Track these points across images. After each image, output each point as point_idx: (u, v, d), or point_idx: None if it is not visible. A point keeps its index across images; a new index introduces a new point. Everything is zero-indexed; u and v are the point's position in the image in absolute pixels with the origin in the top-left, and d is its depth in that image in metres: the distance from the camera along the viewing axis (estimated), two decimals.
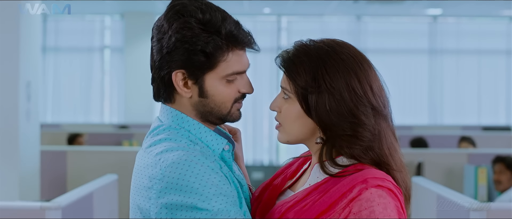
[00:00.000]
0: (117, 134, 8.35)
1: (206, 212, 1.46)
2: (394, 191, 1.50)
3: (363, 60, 1.59)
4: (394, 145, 1.60)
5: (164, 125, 1.63)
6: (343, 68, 1.55)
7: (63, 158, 5.34)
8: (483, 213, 2.93)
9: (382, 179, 1.50)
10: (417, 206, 4.09)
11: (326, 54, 1.56)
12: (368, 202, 1.46)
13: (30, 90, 4.85)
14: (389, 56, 11.68)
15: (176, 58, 1.58)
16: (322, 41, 1.61)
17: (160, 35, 1.60)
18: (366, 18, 11.79)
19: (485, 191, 5.05)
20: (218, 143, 1.64)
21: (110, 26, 11.76)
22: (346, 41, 1.63)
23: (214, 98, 1.61)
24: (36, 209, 2.98)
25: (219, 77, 1.60)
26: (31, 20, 4.92)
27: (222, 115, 1.63)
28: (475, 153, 5.57)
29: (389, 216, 1.45)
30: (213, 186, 1.48)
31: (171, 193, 1.48)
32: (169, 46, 1.58)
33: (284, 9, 11.24)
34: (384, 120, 1.58)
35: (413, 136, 7.40)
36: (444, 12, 11.48)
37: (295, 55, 1.58)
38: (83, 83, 11.67)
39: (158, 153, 1.55)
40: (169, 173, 1.49)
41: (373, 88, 1.57)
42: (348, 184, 1.49)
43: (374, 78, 1.59)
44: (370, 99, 1.55)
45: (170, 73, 1.59)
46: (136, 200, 1.56)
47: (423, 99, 11.83)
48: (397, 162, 1.57)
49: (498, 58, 11.82)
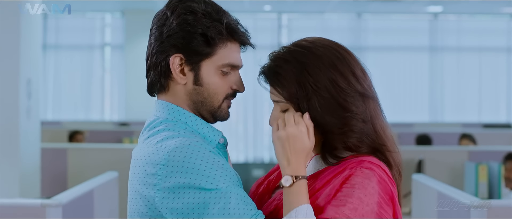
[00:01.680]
0: (118, 131, 8.35)
1: (214, 192, 1.48)
2: (384, 179, 1.53)
3: (339, 48, 1.61)
4: (385, 122, 1.64)
5: (160, 118, 1.65)
6: (322, 65, 1.57)
7: (64, 155, 5.34)
8: (484, 210, 2.93)
9: (377, 164, 1.54)
10: (418, 203, 4.09)
11: (303, 56, 1.59)
12: (354, 177, 1.50)
13: (31, 88, 4.85)
14: (390, 54, 11.67)
15: (176, 41, 1.61)
16: (294, 44, 1.63)
17: (160, 23, 1.64)
18: (366, 15, 11.79)
19: (486, 188, 5.05)
20: (214, 134, 1.65)
21: (110, 24, 11.75)
22: (320, 36, 1.66)
23: (208, 87, 1.63)
24: (37, 206, 2.98)
25: (215, 66, 1.62)
26: (32, 18, 4.91)
27: (213, 108, 1.65)
28: (475, 150, 5.57)
29: (365, 194, 1.48)
30: (219, 168, 1.51)
31: (176, 175, 1.50)
32: (169, 31, 1.61)
33: (285, 6, 11.23)
34: (371, 100, 1.61)
35: (417, 133, 7.41)
36: (444, 10, 11.47)
37: (276, 66, 1.61)
38: (84, 81, 11.66)
39: (159, 141, 1.57)
40: (173, 157, 1.51)
41: (356, 73, 1.59)
42: (342, 166, 1.55)
43: (354, 63, 1.61)
44: (355, 87, 1.57)
45: (167, 59, 1.62)
46: (138, 190, 1.57)
47: (423, 97, 11.82)
48: (389, 139, 1.61)
49: (499, 55, 11.82)
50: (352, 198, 1.47)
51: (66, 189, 4.71)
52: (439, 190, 3.54)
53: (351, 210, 1.46)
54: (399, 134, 7.44)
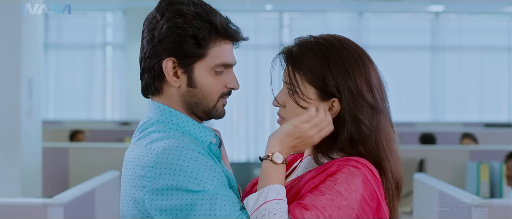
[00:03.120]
0: (119, 130, 8.35)
1: (201, 194, 1.48)
2: (369, 178, 1.53)
3: (363, 56, 1.62)
4: (392, 136, 1.63)
5: (152, 120, 1.66)
6: (341, 66, 1.58)
7: (65, 155, 5.35)
8: (485, 209, 2.92)
9: (363, 164, 1.54)
10: (420, 202, 4.09)
11: (328, 51, 1.59)
12: (339, 173, 1.51)
13: (32, 87, 4.85)
14: (391, 53, 11.67)
15: (167, 45, 1.61)
16: (322, 37, 1.63)
17: (151, 26, 1.65)
18: (368, 15, 11.78)
19: (487, 187, 5.04)
20: (206, 134, 1.65)
21: (112, 23, 11.76)
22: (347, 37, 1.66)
23: (202, 88, 1.63)
24: (38, 205, 2.98)
25: (208, 67, 1.63)
26: (33, 17, 4.92)
27: (208, 108, 1.65)
28: (477, 150, 5.57)
29: (345, 189, 1.49)
30: (207, 169, 1.52)
31: (164, 178, 1.51)
32: (160, 35, 1.62)
33: (286, 6, 11.23)
34: (380, 114, 1.61)
35: (419, 133, 7.41)
36: (446, 9, 11.47)
37: (300, 52, 1.61)
38: (85, 80, 11.67)
39: (148, 142, 1.58)
40: (161, 159, 1.52)
41: (371, 83, 1.59)
42: (330, 163, 1.55)
43: (373, 72, 1.61)
44: (366, 97, 1.58)
45: (160, 62, 1.62)
46: (129, 192, 1.58)
47: (425, 96, 11.82)
48: (393, 153, 1.61)
49: (500, 55, 11.81)
50: (332, 191, 1.49)
51: (68, 188, 4.71)
52: (440, 190, 3.54)
53: (328, 201, 1.47)
54: (401, 133, 7.44)
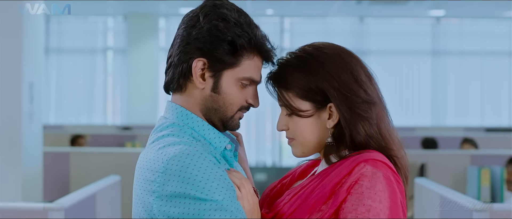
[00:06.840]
0: (120, 135, 8.36)
1: (209, 203, 1.48)
2: (390, 177, 1.54)
3: (343, 54, 1.64)
4: (390, 125, 1.66)
5: (168, 122, 1.65)
6: (325, 72, 1.60)
7: (66, 159, 5.34)
8: (486, 214, 2.92)
9: (381, 162, 1.55)
10: (420, 207, 4.09)
11: (307, 62, 1.62)
12: (359, 182, 1.51)
13: (33, 92, 4.85)
14: (392, 58, 11.66)
15: (202, 45, 1.61)
16: (300, 49, 1.68)
17: (191, 23, 1.64)
18: (369, 19, 11.79)
19: (488, 192, 5.04)
20: (220, 141, 1.65)
21: (113, 28, 11.76)
22: (326, 41, 1.68)
23: (225, 97, 1.63)
24: (39, 210, 2.98)
25: (236, 77, 1.63)
26: (34, 21, 4.92)
27: (225, 117, 1.65)
28: (478, 154, 5.57)
29: (374, 196, 1.50)
30: (216, 179, 1.51)
31: (173, 184, 1.50)
32: (198, 34, 1.61)
33: (287, 10, 11.23)
34: (376, 105, 1.63)
35: (420, 137, 7.41)
36: (447, 14, 11.47)
37: (282, 71, 1.65)
38: (86, 85, 11.67)
39: (161, 147, 1.58)
40: (171, 165, 1.52)
41: (359, 79, 1.61)
42: (348, 166, 1.55)
43: (359, 68, 1.63)
44: (358, 93, 1.60)
45: (191, 61, 1.62)
46: (140, 196, 1.58)
47: (426, 100, 11.82)
48: (396, 142, 1.64)
49: (501, 59, 11.80)
50: (361, 207, 1.50)
51: (69, 193, 4.71)
52: (441, 194, 3.54)
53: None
54: (402, 138, 7.41)
